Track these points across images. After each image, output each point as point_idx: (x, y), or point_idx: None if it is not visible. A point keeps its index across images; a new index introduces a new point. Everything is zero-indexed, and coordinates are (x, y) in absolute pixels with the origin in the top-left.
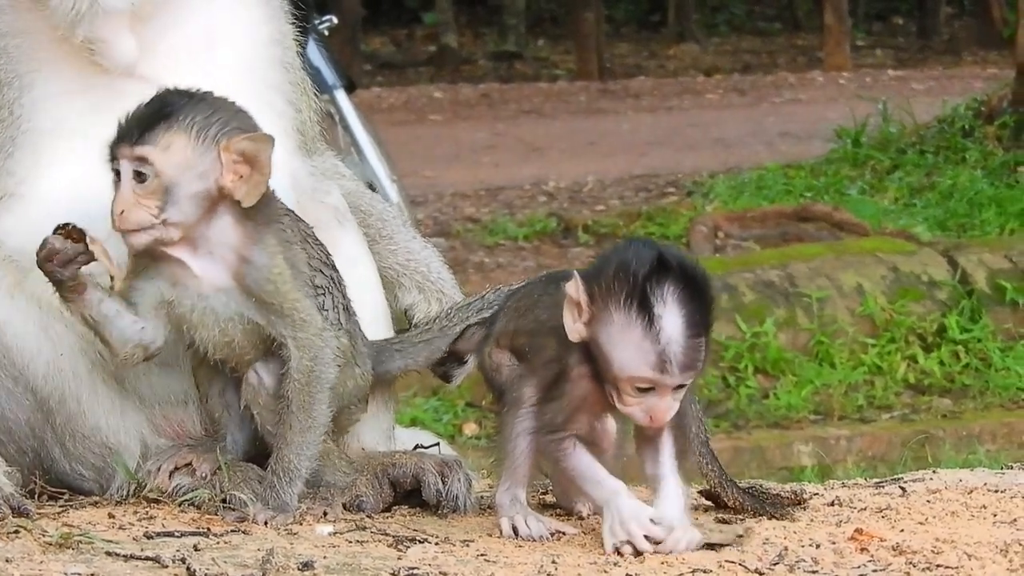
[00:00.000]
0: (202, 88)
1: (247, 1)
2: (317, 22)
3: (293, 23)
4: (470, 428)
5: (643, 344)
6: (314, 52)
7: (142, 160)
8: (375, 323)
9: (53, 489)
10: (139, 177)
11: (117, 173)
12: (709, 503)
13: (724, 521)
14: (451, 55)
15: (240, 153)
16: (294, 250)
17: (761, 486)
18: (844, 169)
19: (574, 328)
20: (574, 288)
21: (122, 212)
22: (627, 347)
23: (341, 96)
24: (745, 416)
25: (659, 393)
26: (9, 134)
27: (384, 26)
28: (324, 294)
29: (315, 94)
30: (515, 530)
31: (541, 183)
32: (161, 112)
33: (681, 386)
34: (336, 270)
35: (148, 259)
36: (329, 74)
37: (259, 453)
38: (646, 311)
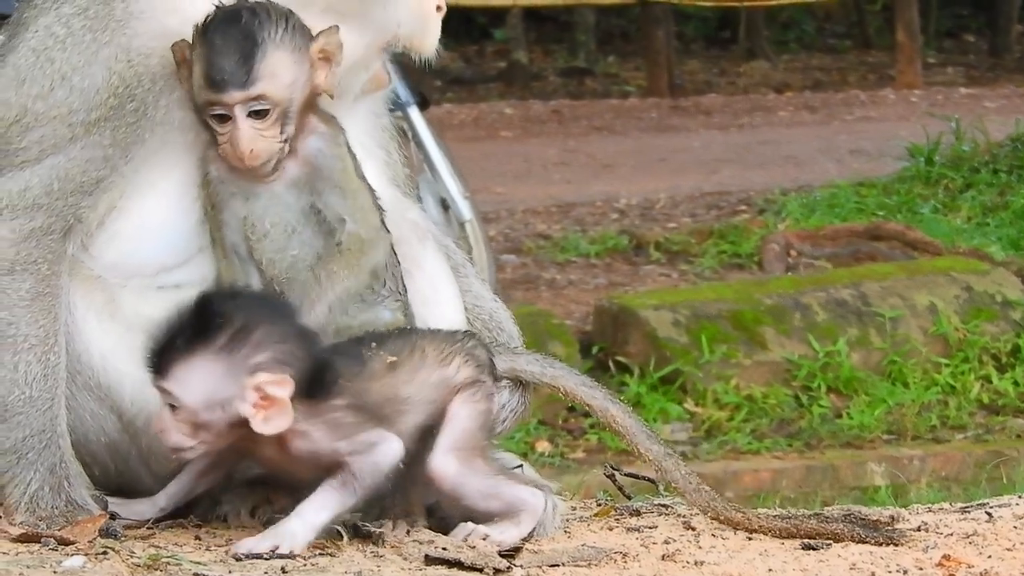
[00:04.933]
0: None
1: None
2: None
3: None
4: (542, 446)
5: None
6: (389, 70)
7: (260, 98)
8: None
9: None
10: (257, 114)
11: (218, 118)
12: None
13: (810, 548)
14: (521, 71)
15: (321, 50)
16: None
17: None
18: (916, 187)
19: None
20: None
21: (251, 151)
22: None
23: (414, 113)
24: (818, 435)
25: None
26: (137, 138)
27: (454, 42)
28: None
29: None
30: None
31: (612, 200)
32: (247, 44)
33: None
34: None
35: (222, 188)
36: (402, 91)
37: None
38: None
